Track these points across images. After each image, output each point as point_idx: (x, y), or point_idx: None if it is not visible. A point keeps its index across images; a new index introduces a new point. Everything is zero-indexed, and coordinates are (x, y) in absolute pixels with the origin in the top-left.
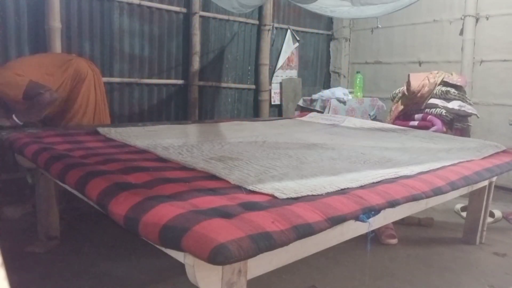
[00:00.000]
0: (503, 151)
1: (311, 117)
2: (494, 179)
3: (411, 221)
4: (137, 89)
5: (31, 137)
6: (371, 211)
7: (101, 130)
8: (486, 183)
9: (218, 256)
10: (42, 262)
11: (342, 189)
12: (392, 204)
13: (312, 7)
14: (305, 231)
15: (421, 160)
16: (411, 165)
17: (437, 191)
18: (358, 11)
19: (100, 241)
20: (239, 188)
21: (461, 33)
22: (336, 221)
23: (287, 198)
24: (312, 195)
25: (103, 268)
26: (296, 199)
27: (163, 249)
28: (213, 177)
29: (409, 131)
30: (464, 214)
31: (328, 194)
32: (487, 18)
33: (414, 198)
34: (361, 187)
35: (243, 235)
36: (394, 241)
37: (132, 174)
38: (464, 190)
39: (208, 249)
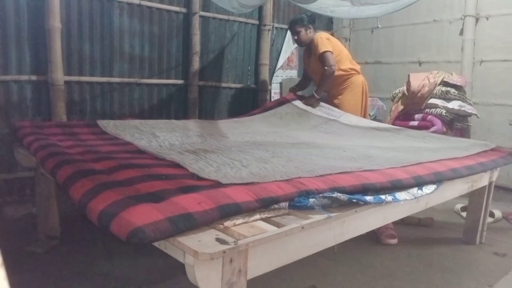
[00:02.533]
0: (492, 149)
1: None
2: (494, 178)
3: (411, 221)
4: (137, 89)
5: (33, 127)
6: (308, 194)
7: (99, 122)
8: (486, 182)
9: (134, 237)
10: (42, 262)
11: (290, 178)
12: (336, 189)
13: (312, 7)
14: (230, 209)
15: (403, 158)
16: (388, 162)
17: (396, 183)
18: (358, 11)
19: (100, 241)
20: (193, 175)
21: (461, 33)
22: (267, 202)
23: (230, 184)
24: (257, 182)
25: (103, 268)
26: (239, 184)
27: (163, 249)
28: (177, 166)
29: (403, 130)
30: (464, 214)
31: (274, 182)
32: (487, 18)
33: (364, 187)
34: (313, 177)
35: (161, 218)
36: (394, 241)
37: (101, 162)
38: (464, 190)
39: (126, 232)
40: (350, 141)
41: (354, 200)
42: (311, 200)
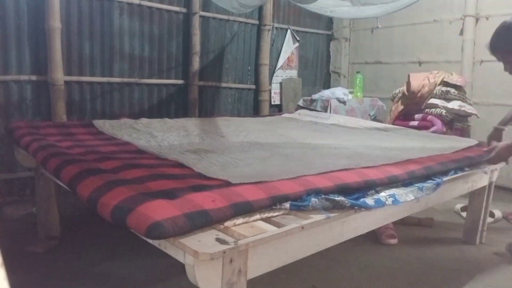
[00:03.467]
0: (476, 145)
1: (299, 113)
2: (494, 179)
3: (411, 221)
4: (137, 89)
5: (29, 127)
6: (316, 192)
7: (95, 123)
8: (485, 182)
9: (153, 232)
10: (42, 262)
11: (296, 176)
12: (341, 187)
13: (312, 7)
14: (243, 207)
15: (392, 155)
16: (379, 159)
17: (393, 179)
18: (358, 11)
19: (100, 241)
20: (200, 175)
21: (461, 33)
22: (279, 199)
23: (240, 183)
24: (265, 181)
25: (103, 268)
26: (248, 183)
27: (163, 249)
28: (181, 166)
29: (389, 129)
30: (464, 214)
31: (282, 180)
32: (487, 18)
33: (366, 183)
34: (317, 174)
35: (179, 214)
36: (394, 241)
37: (105, 162)
38: (464, 190)
39: (145, 226)
40: (338, 139)
41: (356, 207)
42: (313, 200)
